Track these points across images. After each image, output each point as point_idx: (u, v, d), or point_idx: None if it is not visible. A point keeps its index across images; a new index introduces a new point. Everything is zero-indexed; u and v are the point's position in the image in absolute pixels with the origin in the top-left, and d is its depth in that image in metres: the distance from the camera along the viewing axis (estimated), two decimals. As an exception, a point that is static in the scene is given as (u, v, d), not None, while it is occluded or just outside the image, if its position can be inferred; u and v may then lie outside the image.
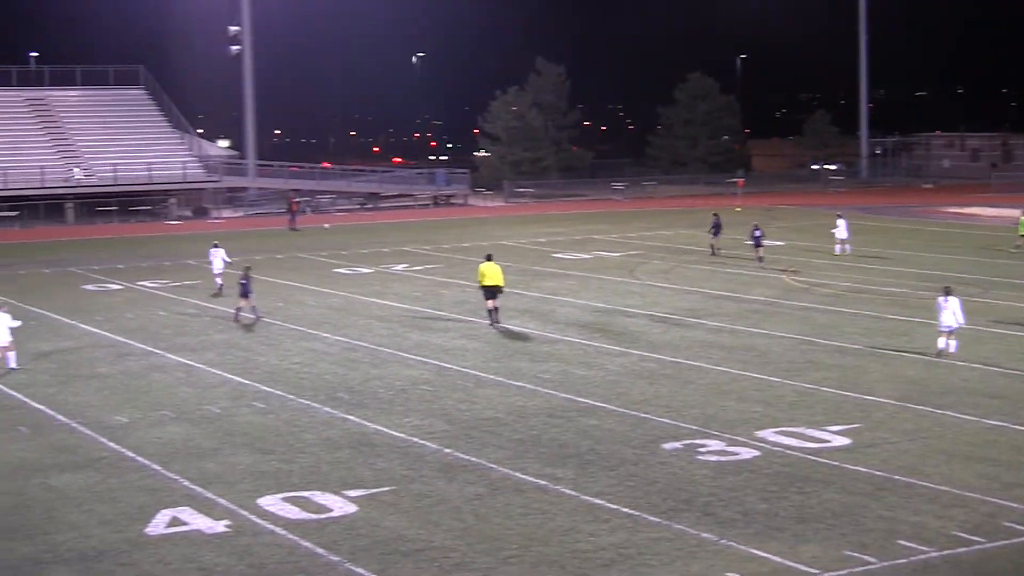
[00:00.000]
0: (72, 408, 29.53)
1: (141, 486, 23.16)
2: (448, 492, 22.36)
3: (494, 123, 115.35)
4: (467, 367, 33.34)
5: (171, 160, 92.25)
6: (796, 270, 51.75)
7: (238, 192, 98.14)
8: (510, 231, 72.76)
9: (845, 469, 23.30)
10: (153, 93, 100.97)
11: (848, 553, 19.00)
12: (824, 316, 40.59)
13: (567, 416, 27.82)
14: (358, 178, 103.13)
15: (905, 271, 51.13)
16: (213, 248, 48.65)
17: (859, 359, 33.54)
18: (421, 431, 26.73)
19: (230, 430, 27.13)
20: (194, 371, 33.70)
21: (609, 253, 59.98)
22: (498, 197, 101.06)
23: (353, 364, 34.11)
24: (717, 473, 23.22)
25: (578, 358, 34.38)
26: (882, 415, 27.43)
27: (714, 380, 31.26)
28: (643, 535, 19.97)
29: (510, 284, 43.26)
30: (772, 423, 26.79)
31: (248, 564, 19.05)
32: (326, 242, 67.85)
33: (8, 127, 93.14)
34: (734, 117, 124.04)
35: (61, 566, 19.16)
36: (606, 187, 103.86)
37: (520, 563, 18.90)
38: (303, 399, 29.94)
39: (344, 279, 52.00)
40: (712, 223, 58.22)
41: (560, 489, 22.43)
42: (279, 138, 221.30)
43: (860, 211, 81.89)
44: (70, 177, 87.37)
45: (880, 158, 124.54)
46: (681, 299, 44.69)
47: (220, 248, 48.56)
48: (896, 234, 67.67)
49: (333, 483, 23.01)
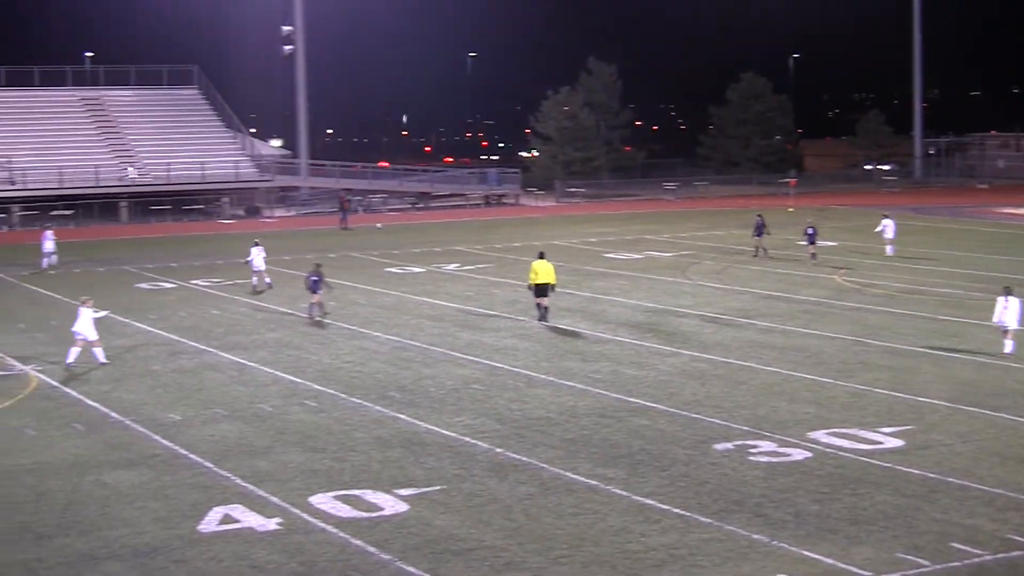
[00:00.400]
0: (126, 406, 29.76)
1: (194, 483, 23.31)
2: (499, 491, 22.38)
3: (546, 123, 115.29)
4: (518, 367, 33.35)
5: (224, 159, 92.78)
6: (847, 269, 51.44)
7: (290, 191, 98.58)
8: (561, 231, 72.74)
9: (898, 471, 23.15)
10: (206, 93, 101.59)
11: (901, 556, 18.88)
12: (876, 317, 40.34)
13: (618, 416, 27.79)
14: (410, 177, 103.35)
15: (958, 272, 50.74)
16: (254, 247, 49.17)
17: (912, 360, 33.32)
18: (472, 430, 26.76)
19: (282, 428, 27.25)
20: (246, 369, 33.89)
21: (660, 253, 59.85)
22: (549, 197, 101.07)
23: (404, 363, 34.19)
24: (769, 474, 23.12)
25: (629, 358, 34.32)
26: (935, 417, 27.24)
27: (766, 381, 31.13)
28: (694, 536, 19.92)
29: (561, 284, 43.25)
30: (824, 424, 26.65)
31: (299, 562, 19.13)
32: (378, 241, 68.05)
33: (63, 127, 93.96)
34: (787, 117, 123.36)
35: (115, 562, 19.31)
36: (658, 187, 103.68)
37: (571, 563, 18.88)
38: (355, 398, 30.04)
39: (396, 278, 52.13)
40: (755, 224, 57.58)
41: (611, 489, 22.40)
42: (331, 137, 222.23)
43: (913, 211, 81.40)
44: (125, 176, 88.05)
45: (934, 158, 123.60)
46: (732, 299, 44.54)
47: (260, 246, 49.15)
48: (949, 235, 67.17)
49: (384, 482, 23.08)
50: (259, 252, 48.89)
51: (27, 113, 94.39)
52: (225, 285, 50.72)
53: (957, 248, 59.96)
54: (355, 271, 54.42)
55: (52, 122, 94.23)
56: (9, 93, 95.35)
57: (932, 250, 59.09)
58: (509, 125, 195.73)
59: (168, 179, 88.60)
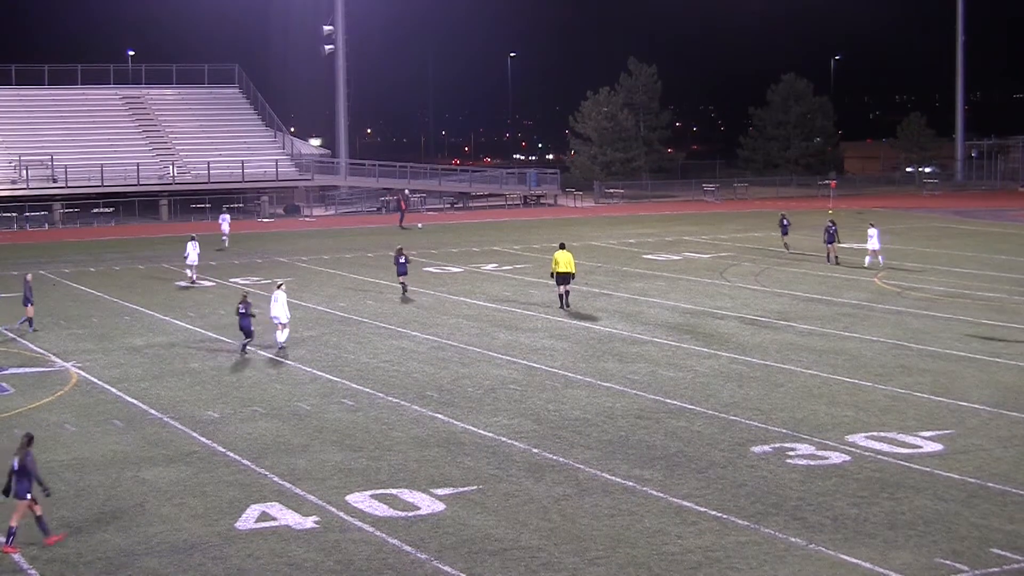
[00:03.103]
0: (165, 403, 29.90)
1: (231, 481, 23.39)
2: (535, 492, 22.36)
3: (585, 123, 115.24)
4: (556, 367, 33.33)
5: (264, 158, 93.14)
6: (882, 272, 51.20)
7: (329, 190, 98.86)
8: (600, 231, 72.67)
9: (937, 475, 23.01)
10: (247, 92, 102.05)
11: (940, 561, 18.76)
12: (917, 320, 40.11)
13: (655, 417, 27.73)
14: (449, 177, 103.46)
15: (1000, 276, 50.39)
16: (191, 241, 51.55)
17: (953, 364, 33.11)
18: (509, 431, 26.75)
19: (320, 427, 27.31)
20: (285, 368, 33.99)
21: (699, 255, 59.71)
22: (588, 197, 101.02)
23: (442, 363, 34.21)
24: (806, 477, 23.02)
25: (667, 359, 34.25)
26: (976, 421, 27.06)
27: (804, 383, 31.00)
28: (731, 538, 19.85)
29: (600, 284, 43.33)
30: (863, 428, 26.52)
31: (336, 560, 19.16)
32: (417, 241, 68.11)
33: (105, 125, 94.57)
34: (827, 118, 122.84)
35: (153, 558, 19.40)
36: (697, 188, 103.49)
37: (607, 564, 18.85)
38: (392, 397, 30.08)
39: (434, 278, 52.18)
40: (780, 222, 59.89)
41: (648, 491, 22.35)
42: (370, 137, 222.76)
43: (955, 215, 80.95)
44: (165, 175, 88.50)
45: (976, 161, 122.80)
46: (771, 301, 44.38)
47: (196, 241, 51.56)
48: (992, 238, 66.70)
49: (421, 481, 23.10)
50: (194, 247, 50.98)
51: (69, 111, 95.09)
52: (263, 283, 50.86)
53: (1000, 252, 59.55)
54: (393, 271, 54.40)
55: (94, 120, 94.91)
56: (52, 91, 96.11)
57: (974, 253, 58.71)
58: (548, 126, 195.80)
59: (208, 177, 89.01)
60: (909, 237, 66.14)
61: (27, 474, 19.82)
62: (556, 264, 42.77)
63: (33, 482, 19.89)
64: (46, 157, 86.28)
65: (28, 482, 19.82)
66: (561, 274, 42.73)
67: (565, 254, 42.76)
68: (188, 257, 51.01)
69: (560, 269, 42.69)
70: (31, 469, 19.89)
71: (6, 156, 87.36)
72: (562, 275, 42.73)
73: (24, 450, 19.94)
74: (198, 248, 51.29)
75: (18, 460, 19.87)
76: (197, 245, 51.25)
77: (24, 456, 19.87)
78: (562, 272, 42.70)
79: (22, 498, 19.82)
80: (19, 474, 19.79)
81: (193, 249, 50.91)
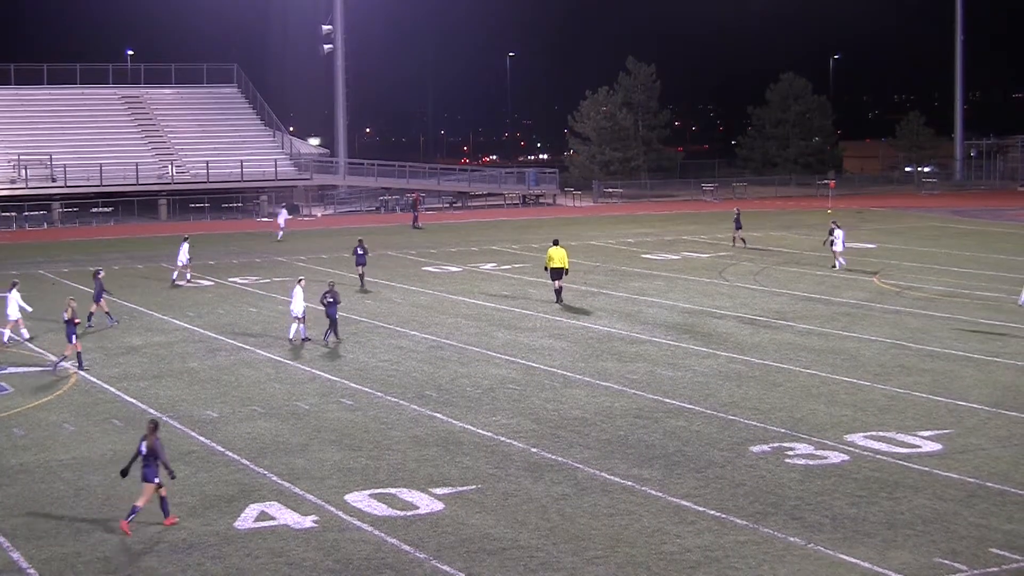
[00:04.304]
0: (164, 402, 29.90)
1: (230, 480, 23.40)
2: (534, 491, 22.37)
3: (584, 123, 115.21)
4: (554, 366, 33.34)
5: (263, 158, 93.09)
6: (879, 272, 51.23)
7: (328, 190, 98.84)
8: (599, 231, 72.69)
9: (936, 475, 23.02)
10: (246, 91, 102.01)
11: (939, 560, 18.77)
12: (916, 320, 40.13)
13: (654, 417, 27.73)
14: (447, 177, 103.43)
15: (999, 275, 50.39)
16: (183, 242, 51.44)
17: (951, 364, 33.12)
18: (508, 430, 26.76)
19: (319, 426, 27.32)
20: (283, 367, 34.00)
21: (698, 254, 59.72)
22: (587, 197, 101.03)
23: (441, 362, 34.22)
24: (805, 477, 23.03)
25: (665, 359, 34.26)
26: (974, 421, 27.07)
27: (803, 383, 31.01)
28: (730, 538, 19.86)
29: (599, 284, 43.38)
30: (862, 427, 26.53)
31: (335, 559, 19.17)
32: (415, 240, 68.16)
33: (104, 124, 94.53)
34: (826, 118, 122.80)
35: (152, 557, 19.40)
36: (696, 188, 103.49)
37: (606, 563, 18.86)
38: (391, 396, 30.09)
39: (433, 277, 52.19)
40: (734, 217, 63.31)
41: (646, 490, 22.36)
42: (369, 136, 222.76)
43: (954, 214, 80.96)
44: (164, 174, 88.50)
45: (975, 160, 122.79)
46: (770, 301, 44.39)
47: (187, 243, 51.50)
48: (991, 238, 66.72)
49: (420, 480, 23.11)
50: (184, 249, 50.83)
51: (68, 111, 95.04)
52: (262, 283, 50.90)
53: (999, 251, 59.56)
54: (392, 270, 54.49)
55: (93, 120, 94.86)
56: (51, 91, 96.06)
57: (973, 253, 58.73)
58: (547, 125, 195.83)
59: (207, 177, 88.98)
60: (908, 237, 66.16)
61: (155, 458, 20.66)
62: (550, 260, 44.45)
63: (160, 466, 20.71)
64: (45, 157, 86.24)
65: (156, 466, 20.67)
66: (555, 269, 44.27)
67: (558, 250, 44.55)
68: (179, 257, 50.89)
69: (554, 264, 44.29)
70: (159, 454, 20.76)
71: (5, 156, 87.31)
72: (555, 270, 44.27)
73: (153, 436, 20.78)
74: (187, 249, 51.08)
75: (146, 444, 20.75)
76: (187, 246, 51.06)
77: (153, 441, 20.73)
78: (556, 267, 44.24)
79: (150, 481, 20.68)
80: (147, 458, 20.74)
81: (183, 251, 50.72)
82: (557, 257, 44.30)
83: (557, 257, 44.30)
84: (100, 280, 40.75)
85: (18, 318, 37.43)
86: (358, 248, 48.88)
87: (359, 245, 49.02)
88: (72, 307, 33.59)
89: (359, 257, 48.79)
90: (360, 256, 48.78)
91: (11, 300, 37.35)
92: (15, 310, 37.23)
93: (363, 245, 49.15)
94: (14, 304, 37.24)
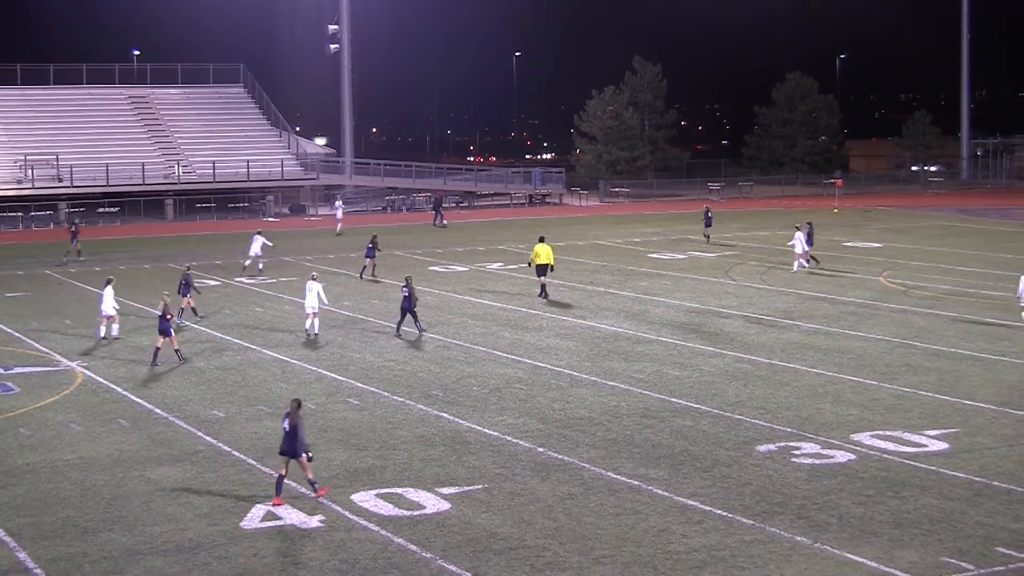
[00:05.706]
0: (170, 402, 29.93)
1: (237, 480, 23.42)
2: (541, 491, 22.36)
3: (590, 122, 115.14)
4: (561, 366, 33.33)
5: (269, 158, 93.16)
6: (889, 271, 51.18)
7: (335, 189, 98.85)
8: (605, 230, 72.66)
9: (943, 474, 23.00)
10: (252, 91, 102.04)
11: (945, 559, 18.75)
12: (922, 319, 40.09)
13: (661, 416, 27.73)
14: (454, 176, 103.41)
15: (1006, 274, 50.24)
16: (256, 235, 54.29)
17: (958, 363, 33.09)
18: (515, 430, 26.76)
19: (325, 426, 27.32)
20: (290, 367, 34.01)
21: (704, 254, 59.68)
22: (594, 196, 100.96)
23: (447, 362, 34.23)
24: (812, 476, 23.02)
25: (672, 358, 34.25)
26: (981, 420, 27.04)
27: (809, 382, 30.99)
28: (736, 537, 19.85)
29: (605, 283, 43.38)
30: (868, 426, 26.52)
31: (341, 559, 19.17)
32: (422, 240, 68.16)
33: (110, 124, 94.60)
34: (833, 117, 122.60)
35: (158, 557, 19.41)
36: (702, 187, 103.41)
37: (612, 563, 18.85)
38: (397, 396, 30.09)
39: (439, 277, 52.20)
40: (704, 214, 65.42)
41: (653, 490, 22.35)
42: (376, 136, 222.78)
43: (961, 213, 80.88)
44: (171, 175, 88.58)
45: (981, 159, 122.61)
46: (776, 300, 44.37)
47: (262, 235, 54.55)
48: (997, 237, 66.63)
49: (426, 480, 23.11)
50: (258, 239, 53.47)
51: (74, 111, 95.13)
52: (269, 283, 50.93)
53: (1005, 250, 59.48)
54: (398, 270, 54.42)
55: (99, 120, 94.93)
56: (57, 91, 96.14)
57: (980, 252, 58.66)
58: (554, 125, 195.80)
59: (213, 177, 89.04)
60: (914, 236, 66.10)
61: (296, 435, 21.59)
62: (536, 256, 45.98)
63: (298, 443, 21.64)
64: (51, 156, 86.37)
65: (299, 442, 21.61)
66: (540, 265, 45.79)
67: (544, 247, 46.05)
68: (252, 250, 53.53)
69: (539, 261, 45.82)
70: (300, 432, 21.67)
71: (11, 156, 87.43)
72: (541, 266, 45.79)
73: (296, 414, 21.69)
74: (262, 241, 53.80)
75: (288, 422, 21.73)
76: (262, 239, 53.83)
77: (296, 420, 21.66)
78: (541, 263, 45.77)
79: (297, 456, 21.69)
80: (291, 434, 21.68)
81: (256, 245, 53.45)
82: (543, 254, 45.75)
83: (543, 254, 45.75)
84: (189, 276, 41.93)
85: (113, 314, 38.26)
86: (370, 243, 51.79)
87: (371, 241, 52.12)
88: (166, 301, 34.60)
89: (368, 251, 51.61)
90: (370, 250, 51.59)
91: (106, 296, 38.16)
92: (110, 306, 38.09)
93: (375, 241, 52.20)
94: (109, 300, 38.10)
